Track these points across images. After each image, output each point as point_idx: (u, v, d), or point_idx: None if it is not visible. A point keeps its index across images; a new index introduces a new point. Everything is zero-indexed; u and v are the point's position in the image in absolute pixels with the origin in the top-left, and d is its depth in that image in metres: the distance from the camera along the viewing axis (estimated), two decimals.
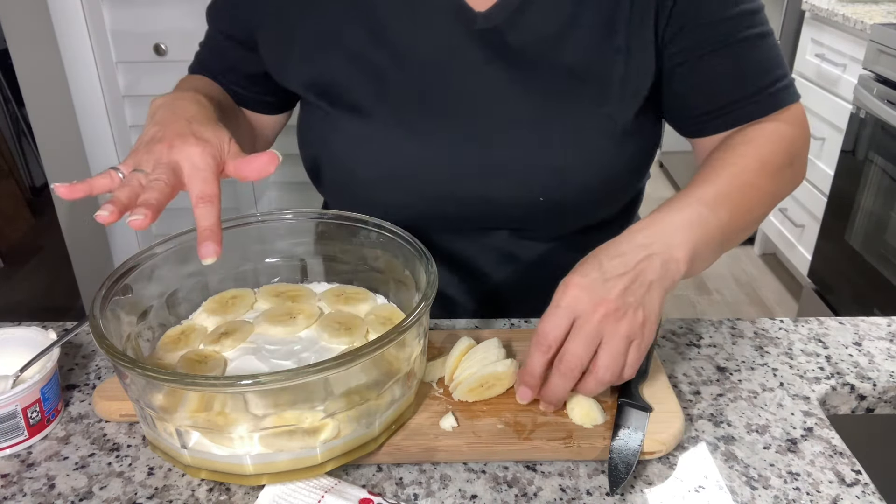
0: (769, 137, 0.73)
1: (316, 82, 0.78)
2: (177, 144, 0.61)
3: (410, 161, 0.77)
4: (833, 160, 2.26)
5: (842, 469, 0.61)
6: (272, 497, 0.58)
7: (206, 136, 0.62)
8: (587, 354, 0.60)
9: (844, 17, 2.19)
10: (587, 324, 0.59)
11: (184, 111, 0.65)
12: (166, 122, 0.64)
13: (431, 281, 0.63)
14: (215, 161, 0.61)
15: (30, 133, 3.18)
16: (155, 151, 0.61)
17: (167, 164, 0.59)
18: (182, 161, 0.60)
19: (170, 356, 0.67)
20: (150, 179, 0.58)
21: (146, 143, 0.62)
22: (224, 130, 0.65)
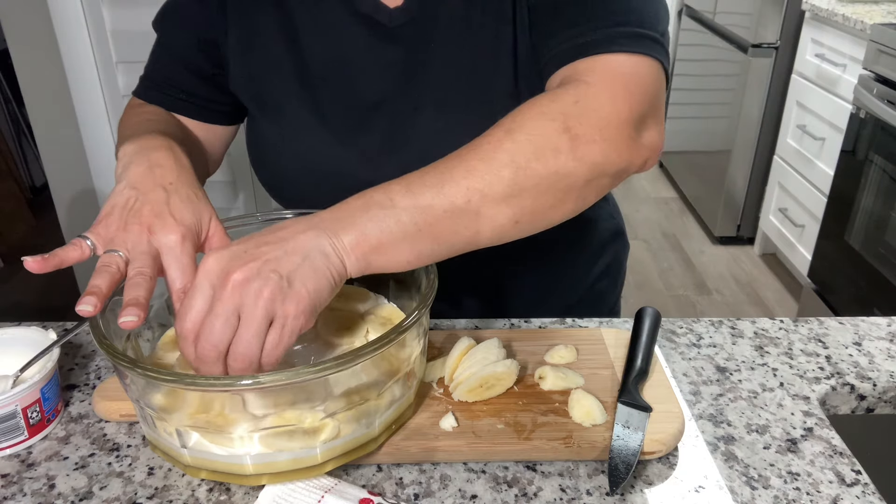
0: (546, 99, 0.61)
1: (246, 85, 0.80)
2: (156, 229, 0.59)
3: (336, 161, 0.78)
4: (833, 160, 2.26)
5: (842, 469, 0.61)
6: (272, 497, 0.58)
7: (186, 220, 0.60)
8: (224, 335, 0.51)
9: (844, 17, 2.19)
10: (219, 301, 0.51)
11: (161, 174, 0.63)
12: (143, 187, 0.61)
13: (431, 281, 0.63)
14: (193, 247, 0.60)
15: (30, 133, 3.19)
16: (131, 232, 0.59)
17: (147, 254, 0.58)
18: (162, 248, 0.59)
19: (170, 356, 0.67)
20: (133, 272, 0.57)
21: (119, 211, 0.60)
22: (205, 206, 0.63)
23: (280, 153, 0.81)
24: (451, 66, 0.75)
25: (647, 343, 0.70)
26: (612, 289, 0.99)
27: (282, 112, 0.79)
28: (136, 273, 0.57)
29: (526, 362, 0.72)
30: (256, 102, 0.81)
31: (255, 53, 0.79)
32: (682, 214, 3.33)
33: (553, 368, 0.69)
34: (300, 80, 0.78)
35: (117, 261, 0.58)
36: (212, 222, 0.63)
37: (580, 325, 0.81)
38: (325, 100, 0.78)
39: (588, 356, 0.73)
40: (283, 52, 0.77)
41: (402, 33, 0.75)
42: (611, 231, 0.96)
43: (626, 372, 0.68)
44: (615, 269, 0.98)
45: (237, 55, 0.79)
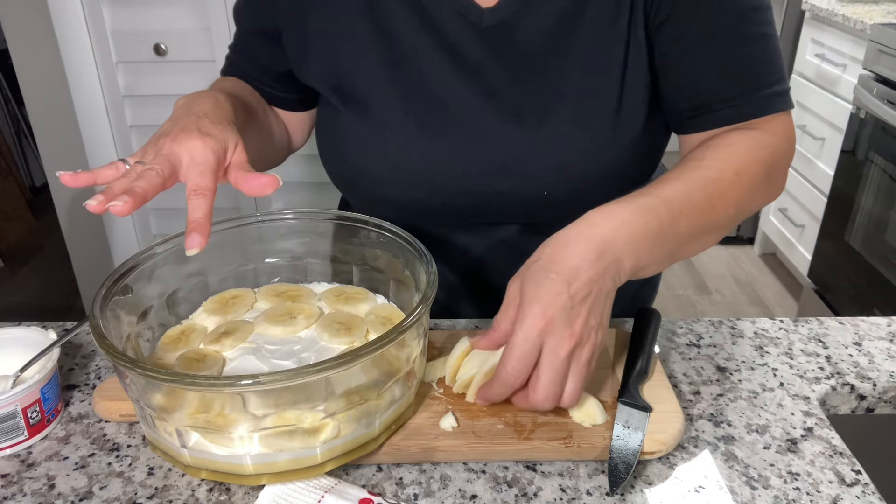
0: (751, 146, 0.70)
1: (328, 78, 0.79)
2: (180, 137, 0.61)
3: (418, 157, 0.77)
4: (833, 160, 2.26)
5: (842, 469, 0.61)
6: (272, 497, 0.58)
7: (211, 132, 0.62)
8: (559, 388, 0.59)
9: (844, 17, 2.19)
10: (557, 361, 0.58)
11: (199, 108, 0.66)
12: (179, 118, 0.64)
13: (431, 281, 0.63)
14: (215, 156, 0.61)
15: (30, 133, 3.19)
16: (159, 144, 0.61)
17: (165, 155, 0.60)
18: (182, 153, 0.60)
19: (170, 356, 0.67)
20: (144, 168, 0.58)
21: (156, 138, 0.63)
22: (232, 132, 0.65)
23: (362, 148, 0.79)
24: (550, 74, 0.74)
25: (647, 343, 0.70)
26: (651, 294, 1.00)
27: (368, 106, 0.78)
28: (146, 168, 0.58)
29: None
30: (340, 95, 0.79)
31: (341, 45, 0.77)
32: None
33: None
34: (389, 75, 0.77)
35: (138, 168, 0.59)
36: (238, 148, 0.64)
37: None
38: (414, 95, 0.76)
39: None
40: (371, 43, 0.76)
41: (494, 34, 0.74)
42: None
43: (626, 372, 0.68)
44: (656, 277, 0.99)
45: (320, 48, 0.78)
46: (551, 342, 0.58)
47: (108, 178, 0.59)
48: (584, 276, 0.59)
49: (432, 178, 0.78)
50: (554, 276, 0.59)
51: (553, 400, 0.59)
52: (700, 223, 0.66)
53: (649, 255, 0.62)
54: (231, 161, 0.64)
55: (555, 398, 0.59)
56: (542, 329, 0.58)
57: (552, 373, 0.58)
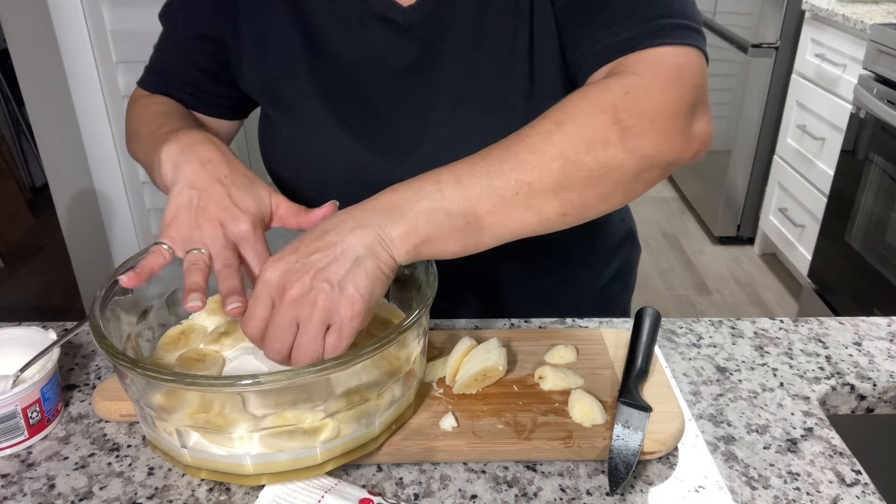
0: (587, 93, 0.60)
1: (259, 83, 0.81)
2: (227, 223, 0.63)
3: (344, 158, 0.78)
4: (833, 160, 2.26)
5: (842, 469, 0.61)
6: (272, 497, 0.58)
7: (251, 208, 0.64)
8: (285, 342, 0.56)
9: (844, 17, 2.19)
10: (278, 312, 0.55)
11: (214, 169, 0.65)
12: (201, 185, 0.63)
13: (431, 281, 0.63)
14: (264, 231, 0.65)
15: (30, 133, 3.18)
16: (206, 229, 0.62)
17: (227, 247, 0.62)
18: (237, 239, 0.63)
19: (170, 356, 0.67)
20: (221, 265, 0.61)
21: (186, 211, 0.63)
22: (264, 188, 0.66)
23: (295, 152, 0.80)
24: (467, 64, 0.75)
25: (647, 343, 0.70)
26: (623, 292, 0.99)
27: (297, 110, 0.79)
28: (224, 266, 0.61)
29: (526, 362, 0.72)
30: (271, 101, 0.81)
31: (271, 53, 0.78)
32: (682, 214, 3.33)
33: (553, 368, 0.69)
34: (316, 79, 0.78)
35: (202, 258, 0.61)
36: (272, 198, 0.66)
37: (580, 325, 0.81)
38: (340, 98, 0.78)
39: (588, 356, 0.73)
40: (299, 51, 0.77)
41: (417, 32, 0.75)
42: (622, 234, 0.95)
43: (626, 372, 0.68)
44: (626, 273, 0.98)
45: (251, 54, 0.79)
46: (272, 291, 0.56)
47: (160, 266, 0.62)
48: (326, 237, 0.56)
49: (361, 178, 0.78)
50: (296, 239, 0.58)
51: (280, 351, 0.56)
52: (505, 182, 0.57)
53: (426, 225, 0.57)
54: (278, 213, 0.66)
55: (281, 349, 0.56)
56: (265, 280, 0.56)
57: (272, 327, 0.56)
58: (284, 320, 0.55)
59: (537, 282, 0.90)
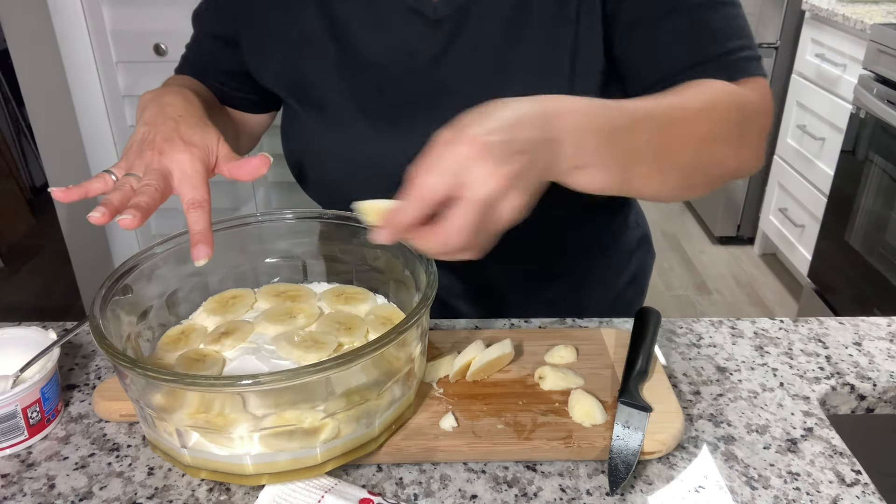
0: (725, 88, 0.66)
1: (285, 81, 0.81)
2: (166, 150, 0.63)
3: (377, 155, 0.78)
4: (833, 160, 2.26)
5: (842, 469, 0.61)
6: (272, 497, 0.58)
7: (195, 140, 0.65)
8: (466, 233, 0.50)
9: (844, 17, 2.19)
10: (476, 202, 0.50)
11: (172, 109, 0.67)
12: (155, 122, 0.66)
13: (431, 281, 0.63)
14: (204, 165, 0.64)
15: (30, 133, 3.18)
16: (146, 156, 0.64)
17: (158, 170, 0.62)
18: (172, 167, 0.63)
19: (170, 356, 0.67)
20: (141, 184, 0.61)
21: (137, 144, 0.65)
22: (212, 130, 0.67)
23: (322, 148, 0.81)
24: (499, 62, 0.74)
25: (647, 343, 0.70)
26: (637, 298, 0.99)
27: (326, 108, 0.79)
28: (143, 184, 0.61)
29: (526, 362, 0.72)
30: (298, 98, 0.81)
31: (299, 50, 0.79)
32: (681, 214, 3.33)
33: (553, 368, 0.69)
34: (344, 76, 0.78)
35: (131, 181, 0.62)
36: (220, 144, 0.67)
37: (580, 325, 0.81)
38: (369, 95, 0.77)
39: (588, 356, 0.73)
40: (329, 48, 0.77)
41: (446, 26, 0.75)
42: (637, 238, 0.95)
43: (626, 372, 0.68)
44: (641, 278, 0.98)
45: (277, 50, 0.80)
46: (480, 174, 0.49)
47: (98, 191, 0.63)
48: (527, 131, 0.52)
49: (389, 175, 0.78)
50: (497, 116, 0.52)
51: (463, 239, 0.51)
52: (658, 145, 0.59)
53: (595, 153, 0.55)
54: (219, 157, 0.66)
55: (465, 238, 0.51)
56: (475, 158, 0.49)
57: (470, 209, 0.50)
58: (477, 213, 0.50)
59: (551, 287, 0.90)
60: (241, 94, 0.87)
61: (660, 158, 0.60)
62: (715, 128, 0.63)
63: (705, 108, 0.63)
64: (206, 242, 0.60)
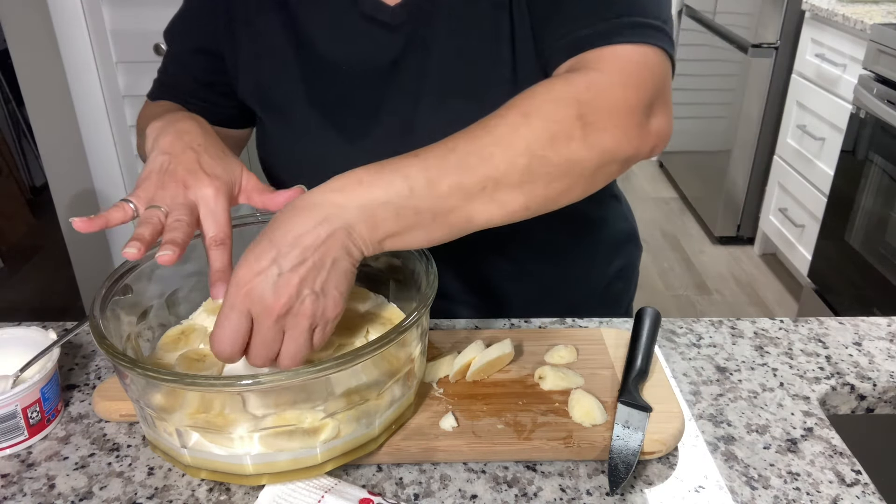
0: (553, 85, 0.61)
1: (254, 93, 0.81)
2: (191, 184, 0.63)
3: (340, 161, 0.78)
4: (833, 160, 2.26)
5: (842, 469, 0.61)
6: (272, 497, 0.58)
7: (218, 174, 0.64)
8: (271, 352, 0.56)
9: (844, 17, 2.19)
10: (264, 328, 0.55)
11: (190, 138, 0.66)
12: (174, 151, 0.64)
13: (431, 281, 0.63)
14: (227, 200, 0.64)
15: (30, 133, 3.18)
16: (169, 189, 0.62)
17: (184, 205, 0.62)
18: (198, 201, 0.63)
19: (170, 356, 0.67)
20: (172, 220, 0.61)
21: (156, 174, 0.63)
22: (235, 162, 0.67)
23: (290, 155, 0.81)
24: (453, 55, 0.75)
25: (647, 343, 0.70)
26: (625, 291, 0.99)
27: (290, 115, 0.80)
28: (175, 220, 0.61)
29: (526, 362, 0.72)
30: (264, 107, 0.82)
31: (262, 59, 0.79)
32: (682, 214, 3.33)
33: (553, 368, 0.69)
34: (306, 82, 0.78)
35: (158, 214, 0.61)
36: (243, 175, 0.67)
37: (580, 325, 0.81)
38: (331, 100, 0.78)
39: (588, 356, 0.73)
40: (290, 55, 0.78)
41: (404, 29, 0.75)
42: (624, 233, 0.95)
43: (626, 372, 0.68)
44: (629, 272, 0.98)
45: (246, 64, 0.80)
46: (256, 309, 0.55)
47: (118, 220, 0.62)
48: (302, 242, 0.55)
49: None
50: (266, 242, 0.56)
51: (266, 361, 0.56)
52: (473, 178, 0.57)
53: (394, 222, 0.57)
54: (245, 188, 0.66)
55: (267, 360, 0.56)
56: (245, 295, 0.55)
57: (259, 341, 0.55)
58: (271, 333, 0.55)
59: (539, 280, 0.90)
60: (224, 109, 0.86)
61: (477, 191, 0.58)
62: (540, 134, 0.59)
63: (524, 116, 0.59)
64: (225, 280, 0.60)
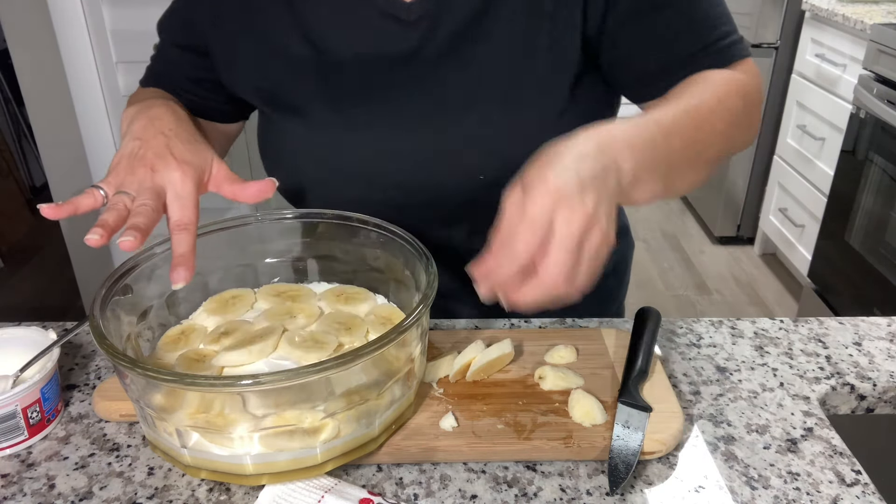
0: (725, 78, 0.70)
1: (260, 88, 0.81)
2: (159, 168, 0.62)
3: (356, 157, 0.78)
4: (833, 160, 2.26)
5: (842, 469, 0.61)
6: (272, 497, 0.58)
7: (187, 158, 0.64)
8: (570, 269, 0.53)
9: (844, 17, 2.19)
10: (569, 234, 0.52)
11: (161, 124, 0.66)
12: (145, 136, 0.65)
13: (431, 281, 0.63)
14: (195, 185, 0.64)
15: (30, 133, 3.18)
16: (138, 173, 0.62)
17: (151, 189, 0.61)
18: (164, 185, 0.62)
19: (170, 356, 0.67)
20: (137, 204, 0.60)
21: (126, 159, 0.64)
22: (206, 148, 0.66)
23: (302, 152, 0.81)
24: (474, 59, 0.74)
25: (647, 343, 0.70)
26: (618, 287, 0.99)
27: (302, 113, 0.79)
28: (140, 204, 0.60)
29: (526, 362, 0.72)
30: (273, 104, 0.81)
31: (270, 59, 0.78)
32: (682, 214, 3.33)
33: (553, 368, 0.69)
34: (319, 79, 0.77)
35: (124, 199, 0.61)
36: (214, 162, 0.66)
37: (580, 325, 0.81)
38: (346, 97, 0.77)
39: (588, 356, 0.73)
40: (301, 52, 0.77)
41: (421, 26, 0.74)
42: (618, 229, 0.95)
43: (626, 372, 0.68)
44: (622, 268, 0.98)
45: (247, 64, 0.79)
46: (563, 214, 0.52)
47: (88, 207, 0.62)
48: (590, 163, 0.55)
49: (367, 177, 0.79)
50: (557, 162, 0.54)
51: (565, 280, 0.53)
52: (690, 144, 0.63)
53: (648, 166, 0.58)
54: (216, 176, 0.66)
55: (567, 278, 0.53)
56: (554, 202, 0.52)
57: (564, 250, 0.52)
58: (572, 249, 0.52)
59: None
60: (211, 103, 0.86)
61: (693, 159, 0.64)
62: (729, 119, 0.68)
63: (719, 103, 0.67)
64: (186, 266, 0.59)
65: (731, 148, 0.71)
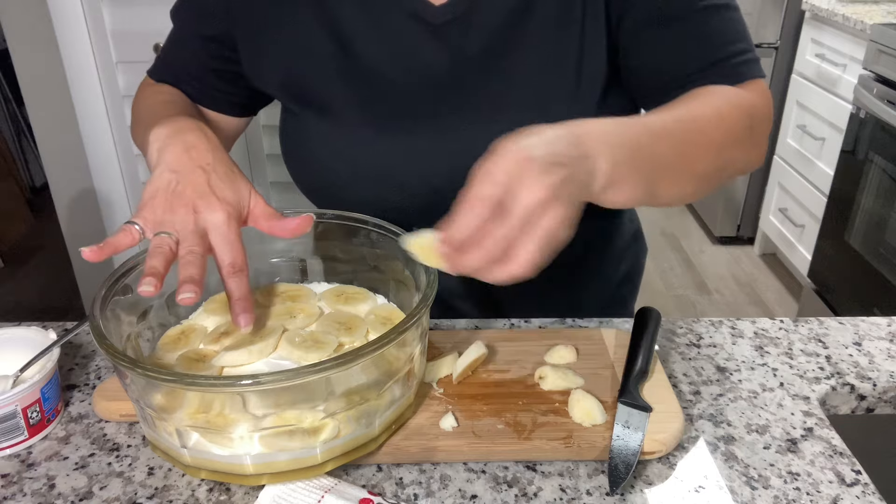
0: (731, 94, 0.69)
1: (287, 86, 0.80)
2: (201, 209, 0.61)
3: (381, 158, 0.78)
4: (833, 160, 2.26)
5: (842, 469, 0.61)
6: (272, 497, 0.58)
7: (227, 197, 0.62)
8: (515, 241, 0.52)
9: (844, 17, 2.19)
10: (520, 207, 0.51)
11: (199, 155, 0.64)
12: (182, 169, 0.62)
13: (431, 281, 0.63)
14: (238, 224, 0.63)
15: (30, 133, 3.19)
16: (178, 213, 0.60)
17: (195, 233, 0.60)
18: (209, 228, 0.61)
19: (170, 356, 0.67)
20: (184, 251, 0.59)
21: (163, 194, 0.61)
22: (243, 182, 0.65)
23: (324, 150, 0.80)
24: (503, 66, 0.74)
25: (647, 343, 0.70)
26: (632, 294, 0.99)
27: (328, 110, 0.79)
28: (188, 252, 0.59)
29: (526, 362, 0.72)
30: (298, 100, 0.80)
31: (298, 54, 0.78)
32: (681, 214, 3.33)
33: (553, 368, 0.69)
34: (346, 80, 0.77)
35: (168, 242, 0.59)
36: (252, 196, 0.65)
37: (580, 325, 0.81)
38: (372, 98, 0.77)
39: (588, 356, 0.73)
40: (329, 51, 0.77)
41: (448, 30, 0.74)
42: (631, 234, 0.95)
43: (626, 372, 0.68)
44: (635, 274, 0.98)
45: (275, 57, 0.79)
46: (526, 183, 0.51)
47: (127, 245, 0.60)
48: (563, 146, 0.53)
49: (394, 177, 0.78)
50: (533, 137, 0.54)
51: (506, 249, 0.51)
52: (679, 153, 0.62)
53: (625, 167, 0.56)
54: (253, 211, 0.65)
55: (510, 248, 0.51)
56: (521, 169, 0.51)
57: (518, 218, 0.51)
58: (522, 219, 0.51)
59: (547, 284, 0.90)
60: (224, 94, 0.85)
61: (681, 169, 0.63)
62: (728, 135, 0.66)
63: (718, 117, 0.66)
64: (248, 310, 0.59)
65: (728, 165, 0.68)
